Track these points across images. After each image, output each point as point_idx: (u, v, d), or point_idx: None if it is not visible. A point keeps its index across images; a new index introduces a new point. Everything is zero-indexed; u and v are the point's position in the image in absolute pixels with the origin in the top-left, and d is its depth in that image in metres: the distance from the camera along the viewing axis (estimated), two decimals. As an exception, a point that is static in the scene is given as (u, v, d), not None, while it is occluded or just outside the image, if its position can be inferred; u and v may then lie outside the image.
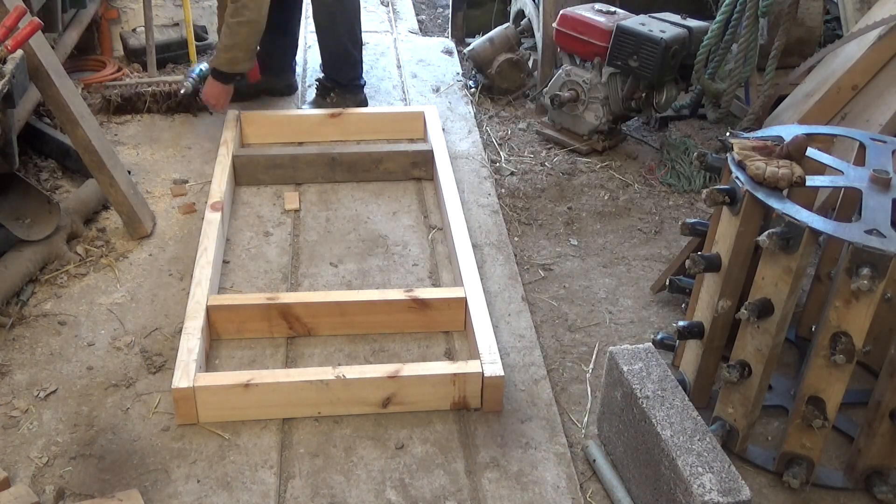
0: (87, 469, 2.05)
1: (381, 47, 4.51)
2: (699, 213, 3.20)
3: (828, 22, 4.09)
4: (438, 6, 5.42)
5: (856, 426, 2.16)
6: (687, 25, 3.37)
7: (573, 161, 3.52)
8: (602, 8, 3.53)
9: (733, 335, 2.11)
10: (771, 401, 2.27)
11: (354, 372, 2.20)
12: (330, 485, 2.04)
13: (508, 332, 2.53)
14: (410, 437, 2.17)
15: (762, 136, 2.17)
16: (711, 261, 2.11)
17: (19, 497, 1.90)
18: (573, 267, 2.91)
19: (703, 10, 3.96)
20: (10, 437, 2.13)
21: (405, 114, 3.61)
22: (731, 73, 3.37)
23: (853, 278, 1.79)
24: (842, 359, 1.86)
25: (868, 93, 2.94)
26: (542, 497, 2.02)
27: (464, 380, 2.20)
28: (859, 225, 1.86)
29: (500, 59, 3.98)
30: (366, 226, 3.01)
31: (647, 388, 1.97)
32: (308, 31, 4.69)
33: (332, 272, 2.76)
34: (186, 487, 2.01)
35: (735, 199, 2.02)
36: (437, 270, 2.80)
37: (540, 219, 3.16)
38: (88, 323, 2.50)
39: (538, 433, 2.19)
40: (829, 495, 2.09)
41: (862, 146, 2.20)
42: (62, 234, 2.72)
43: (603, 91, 3.47)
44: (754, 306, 1.95)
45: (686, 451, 1.80)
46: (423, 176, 3.29)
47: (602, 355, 2.49)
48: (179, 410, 2.15)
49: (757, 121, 3.34)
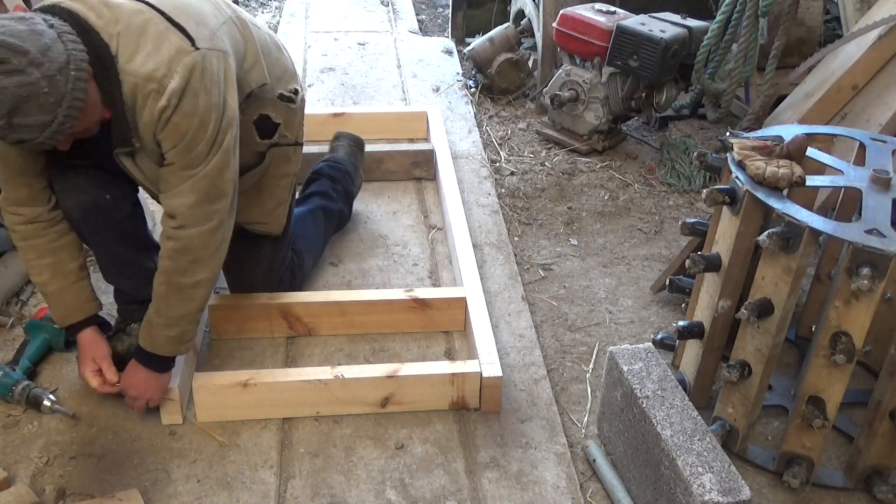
0: (87, 469, 2.05)
1: (381, 47, 4.51)
2: (699, 213, 3.20)
3: (828, 22, 4.08)
4: (438, 6, 5.42)
5: (856, 426, 2.16)
6: (687, 25, 3.37)
7: (573, 161, 3.52)
8: (602, 8, 3.53)
9: (733, 335, 2.11)
10: (771, 401, 2.27)
11: (353, 372, 2.20)
12: (330, 485, 2.04)
13: (508, 332, 2.53)
14: (410, 437, 2.17)
15: (762, 135, 2.17)
16: (711, 261, 2.11)
17: (19, 497, 1.90)
18: (573, 267, 2.91)
19: (703, 10, 3.96)
20: (10, 437, 2.13)
21: (408, 114, 3.60)
22: (731, 72, 3.37)
23: (853, 278, 1.79)
24: (842, 359, 1.86)
25: (868, 93, 2.94)
26: (542, 497, 2.02)
27: (462, 379, 2.20)
28: (859, 225, 1.86)
29: (500, 59, 3.98)
30: (366, 225, 3.01)
31: (647, 387, 1.97)
32: (308, 30, 4.70)
33: (332, 272, 2.76)
34: (186, 487, 2.01)
35: (735, 198, 2.02)
36: (437, 270, 2.80)
37: (540, 219, 3.16)
38: (88, 323, 2.50)
39: (538, 433, 2.19)
40: (829, 495, 2.09)
41: (862, 146, 2.20)
42: (62, 234, 2.72)
43: (603, 91, 3.47)
44: (754, 306, 1.95)
45: (686, 450, 1.80)
46: (424, 176, 3.29)
47: (602, 355, 2.49)
48: (167, 409, 2.16)
49: (757, 121, 3.34)
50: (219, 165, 1.95)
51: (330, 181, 2.79)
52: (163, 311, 2.03)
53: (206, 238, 1.99)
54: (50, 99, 1.67)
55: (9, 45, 1.62)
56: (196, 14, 1.93)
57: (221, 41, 1.96)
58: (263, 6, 5.40)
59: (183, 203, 1.95)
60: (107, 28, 1.80)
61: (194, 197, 1.94)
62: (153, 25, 1.84)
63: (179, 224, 1.96)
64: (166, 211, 1.98)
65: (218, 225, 2.00)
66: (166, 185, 1.96)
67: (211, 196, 1.97)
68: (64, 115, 1.70)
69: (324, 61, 4.30)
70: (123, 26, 1.81)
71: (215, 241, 2.02)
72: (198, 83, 1.85)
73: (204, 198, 1.95)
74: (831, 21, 4.15)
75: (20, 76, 1.63)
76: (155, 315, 2.04)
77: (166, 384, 2.12)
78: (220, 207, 1.99)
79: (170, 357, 2.09)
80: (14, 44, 1.62)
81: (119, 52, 1.80)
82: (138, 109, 1.84)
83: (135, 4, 1.86)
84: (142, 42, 1.82)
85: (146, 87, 1.81)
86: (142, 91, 1.82)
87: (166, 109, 1.83)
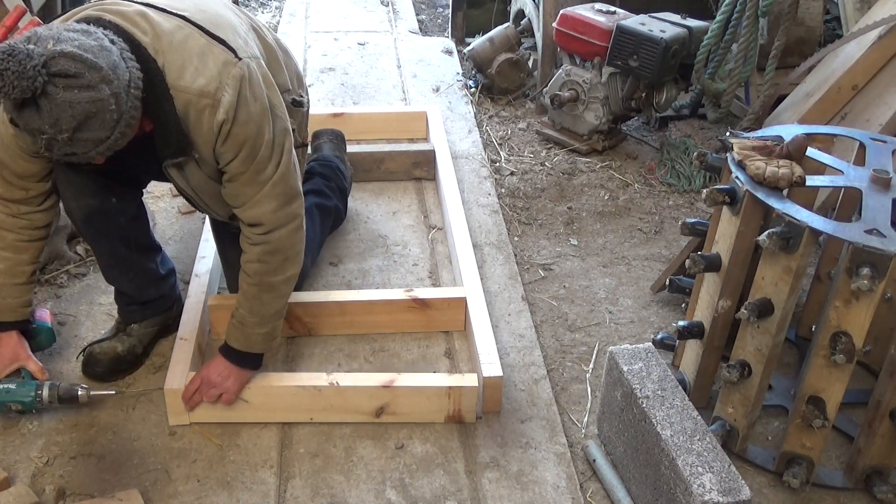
0: (87, 469, 2.05)
1: (381, 47, 4.51)
2: (699, 212, 3.19)
3: (828, 22, 4.08)
4: (438, 6, 5.42)
5: (856, 426, 2.16)
6: (687, 25, 3.37)
7: (573, 161, 3.52)
8: (602, 8, 3.53)
9: (733, 335, 2.11)
10: (771, 401, 2.27)
11: (348, 379, 2.18)
12: (330, 485, 2.04)
13: (508, 332, 2.53)
14: (410, 437, 2.17)
15: (762, 135, 2.17)
16: (711, 261, 2.11)
17: (19, 497, 1.90)
18: (573, 267, 2.91)
19: (703, 10, 3.96)
20: (10, 437, 2.13)
21: (407, 114, 3.60)
22: (731, 72, 3.37)
23: (853, 278, 1.79)
24: (842, 359, 1.86)
25: (868, 93, 2.94)
26: (542, 497, 2.02)
27: (459, 393, 2.17)
28: (859, 225, 1.86)
29: (500, 59, 3.98)
30: (366, 225, 3.01)
31: (647, 387, 1.97)
32: (308, 30, 4.70)
33: (331, 272, 2.76)
34: (186, 487, 2.01)
35: (735, 198, 2.02)
36: (437, 270, 2.80)
37: (540, 218, 3.16)
38: (88, 323, 2.50)
39: (538, 433, 2.19)
40: (829, 495, 2.09)
41: (862, 146, 2.20)
42: (62, 234, 2.72)
43: (603, 91, 3.47)
44: (754, 306, 1.95)
45: (686, 450, 1.80)
46: (424, 176, 3.29)
47: (602, 355, 2.49)
48: (172, 411, 2.15)
49: (757, 121, 3.34)
50: (286, 167, 2.03)
51: (323, 179, 2.80)
52: (257, 310, 2.10)
53: (293, 236, 2.09)
54: (114, 116, 1.69)
55: (84, 59, 1.62)
56: (228, 24, 1.97)
57: (252, 47, 2.00)
58: (263, 6, 5.40)
59: (266, 210, 2.02)
60: (153, 44, 1.82)
61: (275, 202, 2.02)
62: (194, 40, 1.87)
63: (267, 230, 2.04)
64: (248, 221, 2.04)
65: (301, 222, 2.11)
66: (242, 197, 2.02)
67: (289, 197, 2.05)
68: (120, 132, 1.73)
69: (324, 61, 4.30)
70: (167, 43, 1.83)
71: (300, 236, 2.12)
72: (248, 92, 1.89)
73: (284, 201, 2.04)
74: (831, 21, 4.15)
75: (92, 92, 1.63)
76: (249, 315, 2.10)
77: (247, 381, 2.15)
78: (298, 205, 2.09)
79: (260, 355, 2.16)
80: (89, 59, 1.62)
81: (166, 69, 1.83)
82: (193, 124, 1.87)
83: (173, 20, 1.88)
84: (187, 58, 1.84)
85: (200, 102, 1.84)
86: (195, 107, 1.85)
87: (225, 123, 1.87)
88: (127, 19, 1.82)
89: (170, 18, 1.87)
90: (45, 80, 1.59)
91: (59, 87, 1.61)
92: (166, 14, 1.88)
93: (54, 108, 1.61)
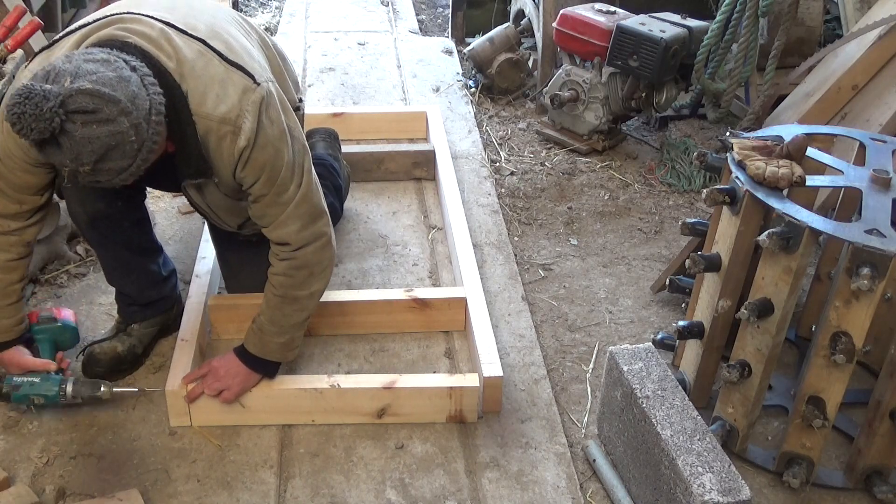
0: (87, 469, 2.05)
1: (381, 47, 4.51)
2: (699, 212, 3.20)
3: (828, 22, 4.09)
4: (438, 6, 5.42)
5: (856, 426, 2.16)
6: (687, 25, 3.37)
7: (573, 161, 3.52)
8: (602, 8, 3.53)
9: (733, 335, 2.11)
10: (771, 401, 2.27)
11: (349, 381, 2.18)
12: (330, 485, 2.04)
13: (508, 332, 2.53)
14: (410, 437, 2.17)
15: (762, 135, 2.17)
16: (711, 261, 2.11)
17: (19, 497, 1.90)
18: (573, 267, 2.91)
19: (703, 10, 3.96)
20: (10, 437, 2.13)
21: (407, 114, 3.60)
22: (731, 72, 3.37)
23: (853, 278, 1.79)
24: (842, 359, 1.86)
25: (868, 92, 2.94)
26: (542, 497, 2.02)
27: (461, 393, 2.17)
28: (859, 225, 1.86)
29: (500, 58, 3.98)
30: (366, 225, 3.01)
31: (647, 387, 1.97)
32: (308, 30, 4.70)
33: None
34: (186, 487, 2.01)
35: (735, 198, 2.02)
36: (437, 270, 2.80)
37: (540, 218, 3.16)
38: (88, 323, 2.50)
39: (538, 433, 2.19)
40: (829, 495, 2.09)
41: (862, 146, 2.20)
42: (62, 234, 2.72)
43: (603, 91, 3.47)
44: (754, 306, 1.95)
45: (686, 450, 1.80)
46: (424, 176, 3.29)
47: (602, 355, 2.49)
48: (173, 412, 2.15)
49: (757, 121, 3.34)
50: (307, 186, 2.04)
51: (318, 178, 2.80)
52: (277, 320, 2.11)
53: (321, 253, 2.10)
54: (134, 146, 1.70)
55: (101, 94, 1.62)
56: (243, 48, 1.97)
57: (265, 69, 2.01)
58: (263, 6, 5.40)
59: (291, 230, 2.04)
60: (178, 69, 1.83)
61: (300, 222, 2.04)
62: (214, 67, 1.88)
63: (294, 248, 2.06)
64: (275, 240, 2.07)
65: (329, 239, 2.12)
66: (268, 218, 2.03)
67: (314, 216, 2.07)
68: (142, 159, 1.74)
69: (324, 61, 4.30)
70: (189, 68, 1.84)
71: (328, 254, 2.13)
72: (265, 117, 1.91)
73: (308, 220, 2.05)
74: (831, 21, 4.15)
75: (111, 125, 1.64)
76: (268, 324, 2.11)
77: (252, 385, 2.15)
78: (324, 222, 2.10)
79: (276, 364, 2.17)
80: (106, 93, 1.63)
81: (189, 95, 1.84)
82: (214, 150, 1.89)
83: (194, 45, 1.88)
84: (209, 84, 1.85)
85: (221, 129, 1.86)
86: (216, 133, 1.86)
87: (246, 149, 1.89)
88: (153, 42, 1.83)
89: (189, 43, 1.88)
90: (62, 119, 1.60)
91: (77, 124, 1.61)
92: (186, 37, 1.88)
93: (74, 145, 1.62)
